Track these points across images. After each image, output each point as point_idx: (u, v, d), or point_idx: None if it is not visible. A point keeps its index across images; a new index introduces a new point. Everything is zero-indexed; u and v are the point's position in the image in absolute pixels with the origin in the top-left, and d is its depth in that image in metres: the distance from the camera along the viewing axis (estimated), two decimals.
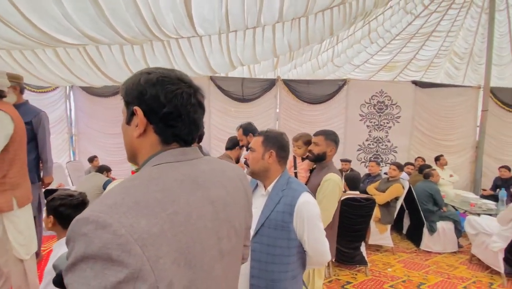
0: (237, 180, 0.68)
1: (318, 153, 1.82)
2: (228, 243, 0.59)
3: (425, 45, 7.23)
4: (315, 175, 1.88)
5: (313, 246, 1.17)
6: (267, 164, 1.25)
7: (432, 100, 5.23)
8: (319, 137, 1.84)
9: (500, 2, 6.21)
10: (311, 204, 1.18)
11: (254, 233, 1.17)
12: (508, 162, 5.07)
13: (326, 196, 1.68)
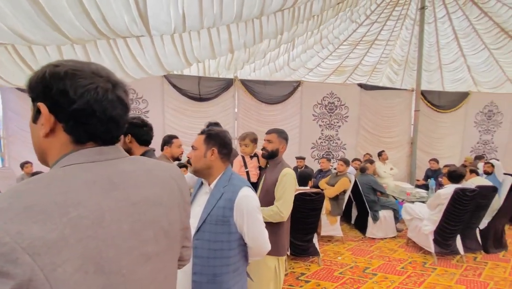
0: (168, 179, 0.66)
1: (272, 150, 1.89)
2: (155, 245, 0.56)
3: (369, 52, 7.97)
4: (270, 171, 1.92)
5: (252, 238, 1.21)
6: (210, 162, 1.26)
7: (375, 101, 5.78)
8: (272, 135, 1.91)
9: (429, 16, 7.16)
10: (251, 197, 1.22)
11: (196, 230, 1.18)
12: (436, 155, 5.87)
13: (286, 189, 1.77)
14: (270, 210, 1.76)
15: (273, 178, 1.82)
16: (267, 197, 1.82)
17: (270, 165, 1.96)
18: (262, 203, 1.67)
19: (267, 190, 1.84)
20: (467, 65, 7.85)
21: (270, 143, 1.89)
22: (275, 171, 1.86)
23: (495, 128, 6.23)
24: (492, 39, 6.81)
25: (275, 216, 1.74)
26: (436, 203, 3.25)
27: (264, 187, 1.88)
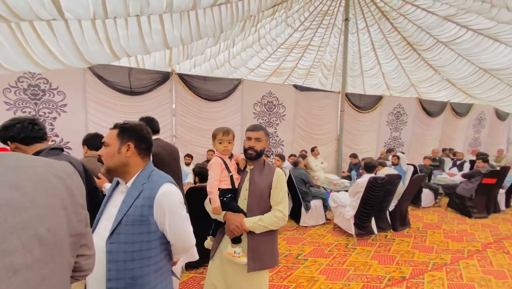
0: (49, 178, 0.56)
1: (261, 150, 1.65)
2: (24, 256, 0.48)
3: (304, 56, 8.59)
4: (259, 174, 1.65)
5: (176, 235, 1.16)
6: (125, 158, 1.15)
7: (308, 101, 6.26)
8: (260, 132, 1.65)
9: (352, 26, 8.10)
10: (172, 193, 1.16)
11: (110, 233, 1.07)
12: (358, 149, 6.72)
13: (285, 191, 1.65)
14: (273, 216, 1.56)
15: (266, 180, 1.62)
16: (261, 203, 1.61)
17: (255, 167, 1.67)
18: (256, 211, 1.58)
19: (261, 195, 1.61)
20: (382, 72, 9.21)
21: (259, 142, 1.63)
22: (264, 172, 1.65)
23: (402, 126, 7.48)
24: (400, 50, 8.14)
25: (280, 222, 1.58)
26: (356, 191, 3.72)
27: (256, 192, 1.61)
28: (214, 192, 1.55)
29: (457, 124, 8.18)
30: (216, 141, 1.63)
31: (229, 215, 1.55)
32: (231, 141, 1.64)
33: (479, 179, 4.75)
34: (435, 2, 6.15)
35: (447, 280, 2.84)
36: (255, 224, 1.52)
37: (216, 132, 1.64)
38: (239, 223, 1.51)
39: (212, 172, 1.59)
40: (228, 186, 1.59)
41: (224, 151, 1.62)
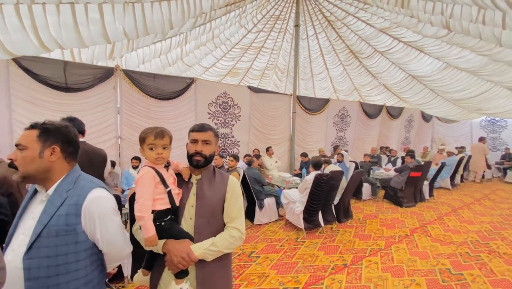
0: None
1: (210, 154, 1.34)
2: None
3: (258, 58, 8.78)
4: (209, 186, 1.32)
5: (109, 244, 1.08)
6: (48, 163, 1.04)
7: (262, 103, 6.42)
8: (208, 133, 1.33)
9: (303, 32, 8.57)
10: (103, 198, 1.08)
11: (27, 248, 0.95)
12: (308, 148, 7.13)
13: (241, 202, 1.37)
14: (229, 236, 1.26)
15: (218, 192, 1.31)
16: (213, 221, 1.29)
17: (204, 176, 1.34)
18: (206, 232, 1.26)
19: (212, 211, 1.29)
20: (330, 76, 9.94)
21: (207, 145, 1.32)
22: (215, 183, 1.33)
23: (346, 127, 8.19)
24: (345, 57, 8.88)
25: (237, 242, 1.29)
26: (304, 187, 3.95)
27: (206, 208, 1.28)
28: (146, 217, 1.14)
29: (392, 125, 9.28)
30: (146, 147, 1.23)
31: (171, 244, 1.19)
32: (167, 147, 1.25)
33: (408, 172, 5.48)
34: (373, 16, 6.88)
35: (381, 263, 3.21)
36: (206, 250, 1.20)
37: (145, 134, 1.23)
38: (185, 254, 1.16)
39: (142, 189, 1.17)
40: (166, 205, 1.22)
41: (157, 160, 1.22)
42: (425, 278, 2.88)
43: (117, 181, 4.46)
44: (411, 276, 2.91)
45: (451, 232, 4.27)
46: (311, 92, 10.53)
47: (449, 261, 3.28)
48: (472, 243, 3.84)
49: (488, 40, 4.99)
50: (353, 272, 2.98)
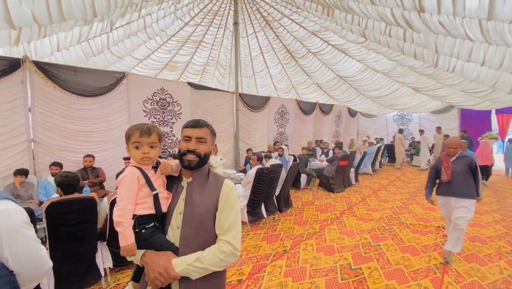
0: None
1: (206, 154, 1.19)
2: None
3: (198, 52, 8.56)
4: (200, 191, 1.16)
5: (21, 262, 0.95)
6: None
7: (205, 100, 6.31)
8: (204, 130, 1.19)
9: (242, 30, 8.69)
10: (9, 211, 0.94)
11: None
12: (253, 144, 7.34)
13: (236, 212, 1.18)
14: (218, 252, 1.08)
15: (210, 199, 1.15)
16: (201, 233, 1.12)
17: (195, 180, 1.19)
18: (193, 244, 1.10)
19: (201, 221, 1.13)
20: (270, 74, 10.37)
21: (203, 143, 1.17)
22: (207, 187, 1.18)
23: (285, 123, 8.71)
24: (283, 56, 9.38)
25: (229, 259, 1.11)
26: (247, 181, 4.08)
27: (194, 217, 1.13)
28: (125, 223, 1.03)
29: (324, 120, 10.28)
30: (131, 146, 1.13)
31: (149, 256, 1.06)
32: (155, 145, 1.15)
33: (337, 162, 6.18)
34: (305, 19, 7.43)
35: (316, 245, 3.57)
36: (189, 266, 1.04)
37: (130, 131, 1.13)
38: (163, 269, 1.02)
39: (123, 192, 1.06)
40: (149, 210, 1.10)
41: (143, 159, 1.12)
42: (351, 252, 3.34)
43: (31, 192, 3.80)
44: (340, 252, 3.34)
45: (372, 210, 5.02)
46: (254, 90, 10.82)
47: (369, 235, 3.87)
48: (387, 218, 4.60)
49: (394, 49, 5.95)
50: (292, 256, 3.24)
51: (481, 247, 3.45)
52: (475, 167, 3.03)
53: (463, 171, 3.03)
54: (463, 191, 3.01)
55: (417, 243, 3.60)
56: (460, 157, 3.12)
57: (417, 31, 4.52)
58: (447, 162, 3.16)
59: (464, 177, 3.02)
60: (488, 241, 3.61)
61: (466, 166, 3.03)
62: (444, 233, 3.84)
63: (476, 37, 3.98)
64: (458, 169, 3.05)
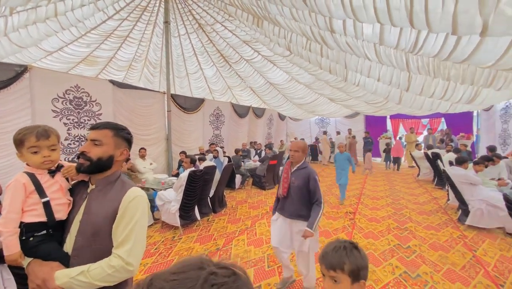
0: None
1: (100, 158, 1.09)
2: None
3: (123, 47, 7.89)
4: (102, 198, 1.09)
5: None
6: None
7: (131, 100, 5.87)
8: (102, 132, 1.12)
9: (174, 30, 8.43)
10: None
11: None
12: (186, 147, 7.19)
13: (136, 224, 1.06)
14: (107, 266, 1.00)
15: (107, 208, 1.07)
16: (96, 244, 1.05)
17: (98, 186, 1.12)
18: (86, 256, 1.03)
19: (96, 231, 1.05)
20: (205, 76, 10.34)
21: (97, 146, 1.09)
22: (109, 196, 1.10)
23: (221, 125, 8.84)
24: (217, 60, 9.49)
25: (119, 274, 1.02)
26: (179, 184, 4.03)
27: (89, 227, 1.05)
28: (4, 232, 0.97)
29: (257, 123, 10.86)
30: (26, 151, 1.05)
31: (32, 265, 1.01)
32: (55, 147, 1.09)
33: (267, 161, 6.66)
34: (237, 28, 7.75)
35: (247, 239, 3.81)
36: (72, 280, 0.97)
37: (23, 136, 1.04)
38: (41, 280, 0.96)
39: (6, 199, 0.99)
40: (39, 217, 1.04)
41: (45, 163, 1.07)
42: None
43: None
44: (268, 243, 3.66)
45: None
46: (187, 91, 10.57)
47: None
48: None
49: (314, 63, 6.82)
50: (224, 253, 3.39)
51: (376, 225, 4.33)
52: (313, 183, 2.35)
53: (300, 186, 2.39)
54: (300, 212, 2.40)
55: (330, 227, 4.25)
56: (301, 167, 2.47)
57: (331, 48, 5.34)
58: (288, 172, 2.50)
59: (301, 194, 2.39)
60: (381, 220, 4.55)
61: (303, 181, 2.38)
62: (351, 217, 4.65)
63: (373, 58, 4.97)
64: (296, 183, 2.41)
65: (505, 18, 2.34)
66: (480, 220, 4.01)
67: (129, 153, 1.22)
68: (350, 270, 0.93)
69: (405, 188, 7.04)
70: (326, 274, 0.97)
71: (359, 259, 0.94)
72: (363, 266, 0.94)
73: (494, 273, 2.85)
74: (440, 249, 3.43)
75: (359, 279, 0.94)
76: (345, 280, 0.93)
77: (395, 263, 3.09)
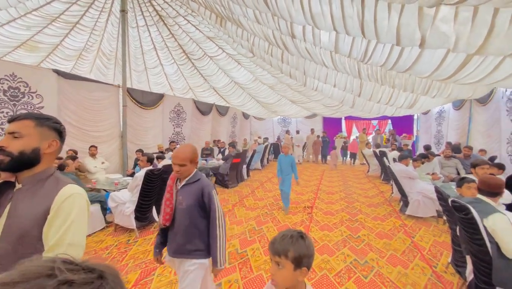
0: None
1: (22, 152, 0.96)
2: None
3: (72, 34, 7.16)
4: (30, 199, 0.96)
5: None
6: None
7: (79, 93, 5.34)
8: (22, 122, 0.98)
9: (132, 20, 7.88)
10: None
11: None
12: (144, 145, 6.80)
13: (69, 224, 0.94)
14: None
15: (36, 209, 0.95)
16: (22, 250, 0.92)
17: (25, 185, 0.99)
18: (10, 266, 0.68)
19: (22, 236, 0.92)
20: (165, 72, 9.89)
21: (16, 139, 0.97)
22: (40, 194, 0.98)
23: (182, 123, 8.55)
24: (178, 56, 9.15)
25: None
26: (135, 185, 3.80)
27: (13, 231, 0.93)
28: None
29: (221, 121, 10.76)
30: None
31: None
32: None
33: (231, 160, 6.65)
34: (200, 23, 7.57)
35: None
36: None
37: None
38: None
39: None
40: None
41: None
42: (238, 239, 3.72)
43: None
44: (229, 241, 3.66)
45: (258, 200, 5.72)
46: (146, 86, 10.00)
47: (255, 221, 4.42)
48: (269, 205, 5.36)
49: (275, 67, 7.00)
50: None
51: (331, 218, 4.63)
52: (209, 200, 1.69)
53: (190, 207, 1.68)
54: (191, 245, 1.71)
55: (289, 221, 4.42)
56: (191, 180, 1.73)
57: (291, 53, 5.53)
58: (171, 191, 1.76)
59: (192, 217, 1.70)
60: (335, 213, 4.88)
61: (194, 199, 1.69)
62: (309, 211, 4.90)
63: (329, 65, 5.28)
64: (184, 203, 1.69)
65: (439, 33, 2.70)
66: (418, 209, 4.55)
67: (59, 144, 1.08)
68: (293, 257, 0.99)
69: (356, 183, 7.65)
70: (272, 259, 1.04)
71: (303, 248, 1.01)
72: (307, 254, 1.01)
73: (429, 256, 3.26)
74: (384, 237, 3.82)
75: (301, 266, 1.01)
76: (288, 266, 1.00)
77: (347, 252, 3.35)
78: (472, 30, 2.43)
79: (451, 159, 5.64)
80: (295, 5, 3.42)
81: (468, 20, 2.37)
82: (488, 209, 1.99)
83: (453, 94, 5.35)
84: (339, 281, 2.72)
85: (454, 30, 2.54)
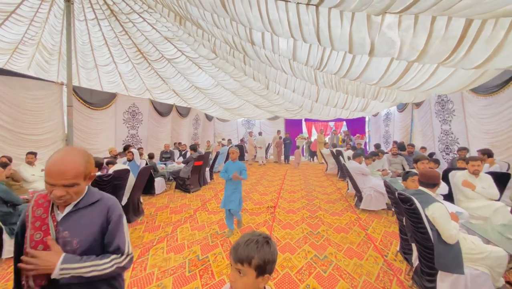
0: None
1: None
2: None
3: (5, 25, 6.25)
4: None
5: None
6: None
7: (14, 91, 4.66)
8: None
9: (80, 13, 7.16)
10: None
11: None
12: (94, 149, 6.20)
13: None
14: None
15: None
16: None
17: None
18: None
19: None
20: (119, 71, 9.18)
21: None
22: None
23: (138, 124, 8.02)
24: (133, 55, 8.56)
25: None
26: None
27: None
28: None
29: (182, 123, 10.37)
30: None
31: None
32: None
33: (192, 163, 6.42)
34: (157, 22, 7.20)
35: (166, 247, 3.54)
36: None
37: None
38: None
39: None
40: None
41: None
42: (200, 245, 3.58)
43: None
44: (190, 247, 3.50)
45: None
46: (97, 85, 9.17)
47: (217, 225, 4.31)
48: None
49: (239, 69, 6.99)
50: (139, 265, 3.05)
51: (292, 216, 4.73)
52: (116, 226, 1.12)
53: (86, 245, 1.07)
54: None
55: (253, 223, 4.41)
56: (85, 203, 1.11)
57: (252, 58, 5.57)
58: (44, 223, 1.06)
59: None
60: (297, 211, 5.01)
61: (94, 229, 1.09)
62: (272, 211, 4.95)
63: (288, 71, 5.44)
64: (75, 241, 1.05)
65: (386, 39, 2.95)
66: (370, 203, 4.91)
67: None
68: (256, 264, 0.94)
69: (316, 181, 8.00)
70: (233, 265, 0.98)
71: (268, 254, 0.97)
72: (271, 260, 0.97)
73: (381, 246, 3.52)
74: (342, 231, 4.03)
75: (264, 273, 0.96)
76: (251, 274, 0.95)
77: (308, 249, 3.44)
78: (414, 36, 2.70)
79: (398, 156, 6.23)
80: (253, 11, 3.44)
81: (410, 27, 2.63)
82: (429, 199, 2.21)
83: (398, 99, 5.93)
84: (300, 278, 2.78)
85: (399, 36, 2.79)
